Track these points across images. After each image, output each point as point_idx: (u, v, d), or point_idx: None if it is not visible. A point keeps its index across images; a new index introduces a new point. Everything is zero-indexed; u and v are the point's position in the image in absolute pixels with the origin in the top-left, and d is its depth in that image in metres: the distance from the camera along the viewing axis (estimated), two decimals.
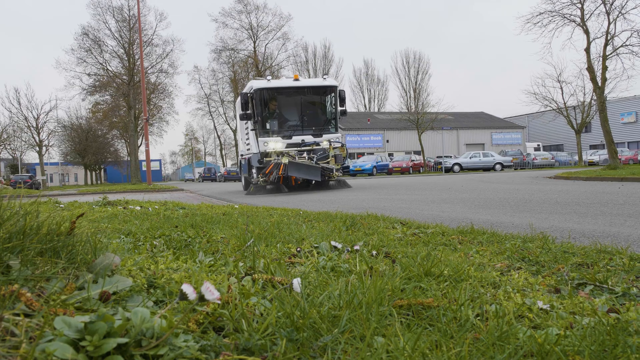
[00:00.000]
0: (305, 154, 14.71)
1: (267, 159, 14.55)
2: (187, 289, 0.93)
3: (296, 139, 15.04)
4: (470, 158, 39.42)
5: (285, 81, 16.27)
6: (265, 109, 15.39)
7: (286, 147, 14.76)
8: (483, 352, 0.96)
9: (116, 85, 42.43)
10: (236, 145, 64.04)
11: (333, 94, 15.78)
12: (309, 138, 15.14)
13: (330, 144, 15.07)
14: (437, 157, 45.16)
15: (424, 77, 54.36)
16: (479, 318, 1.21)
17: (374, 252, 2.34)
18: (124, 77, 42.39)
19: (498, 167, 38.63)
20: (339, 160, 15.19)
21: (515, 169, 39.62)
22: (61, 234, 1.31)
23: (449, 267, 1.82)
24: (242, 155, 18.25)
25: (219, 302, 1.04)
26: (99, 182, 63.42)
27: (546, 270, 2.14)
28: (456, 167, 38.74)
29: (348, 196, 11.26)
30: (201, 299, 0.92)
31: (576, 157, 43.76)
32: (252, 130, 15.54)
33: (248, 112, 15.32)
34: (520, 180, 17.21)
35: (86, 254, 1.32)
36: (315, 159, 14.59)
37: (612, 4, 21.42)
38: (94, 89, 43.26)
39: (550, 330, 1.06)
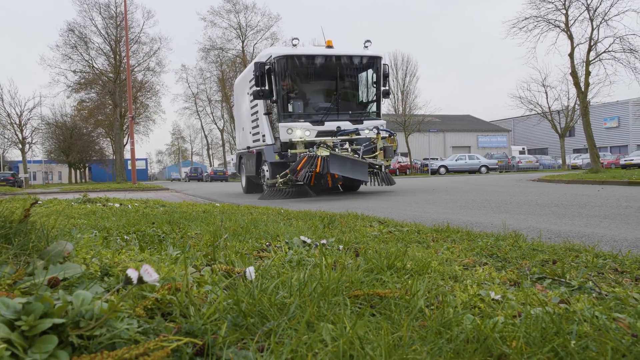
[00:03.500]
0: (347, 145, 10.97)
1: (293, 151, 10.97)
2: (132, 273, 0.93)
3: (330, 125, 11.44)
4: (456, 160, 39.71)
5: (315, 48, 12.42)
6: (290, 84, 11.71)
7: (316, 137, 11.20)
8: (425, 337, 0.98)
9: (102, 83, 42.04)
10: (223, 144, 63.82)
11: (376, 68, 12.20)
12: (346, 124, 11.55)
13: (378, 132, 11.42)
14: (424, 159, 45.44)
15: (411, 80, 54.68)
16: (431, 308, 1.23)
17: (340, 247, 2.36)
18: (110, 74, 42.02)
19: (483, 169, 38.97)
20: (389, 154, 11.47)
21: (500, 172, 40.00)
22: (14, 221, 1.30)
23: (412, 261, 1.85)
24: (248, 148, 14.12)
25: (157, 284, 1.05)
26: (83, 180, 62.69)
27: (511, 266, 2.18)
28: (442, 170, 38.99)
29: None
30: (140, 281, 0.93)
31: (560, 161, 44.30)
32: (266, 114, 12.08)
33: (264, 88, 11.49)
34: (504, 182, 17.39)
35: (39, 241, 1.32)
36: (361, 152, 10.89)
37: (595, 11, 21.76)
38: (80, 86, 42.82)
39: (496, 319, 1.08)
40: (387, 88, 12.39)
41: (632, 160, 37.16)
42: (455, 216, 6.06)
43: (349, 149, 10.84)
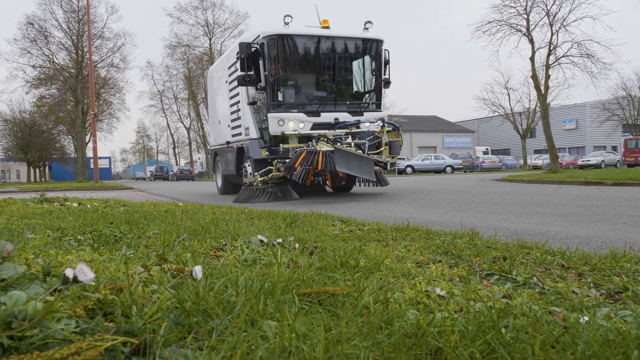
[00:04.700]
0: (350, 139, 9.53)
1: (286, 145, 9.63)
2: (70, 273, 0.92)
3: (326, 117, 10.07)
4: (422, 160, 40.33)
5: (309, 29, 10.75)
6: (281, 69, 10.19)
7: (311, 129, 9.88)
8: (366, 333, 1.00)
9: (63, 79, 40.73)
10: (190, 143, 62.94)
11: (378, 53, 10.94)
12: (345, 116, 10.23)
13: (383, 125, 10.12)
14: None
15: None
16: (377, 304, 1.26)
17: (297, 245, 2.37)
18: (72, 70, 40.75)
19: (449, 169, 39.73)
20: (395, 150, 10.17)
21: (464, 172, 40.86)
22: None
23: (366, 259, 1.88)
24: (227, 144, 12.51)
25: (93, 283, 1.04)
26: (43, 179, 60.71)
27: (464, 263, 2.24)
28: (409, 169, 39.52)
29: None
30: (74, 280, 0.91)
31: (522, 161, 45.61)
32: (250, 104, 10.64)
33: (250, 73, 9.95)
34: (468, 182, 17.77)
35: None
36: (366, 148, 9.65)
37: (555, 16, 22.51)
38: (39, 82, 41.38)
39: (439, 314, 1.12)
40: (387, 77, 11.11)
41: (589, 161, 38.67)
42: (419, 215, 6.17)
43: (352, 144, 9.40)
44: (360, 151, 9.30)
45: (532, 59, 22.99)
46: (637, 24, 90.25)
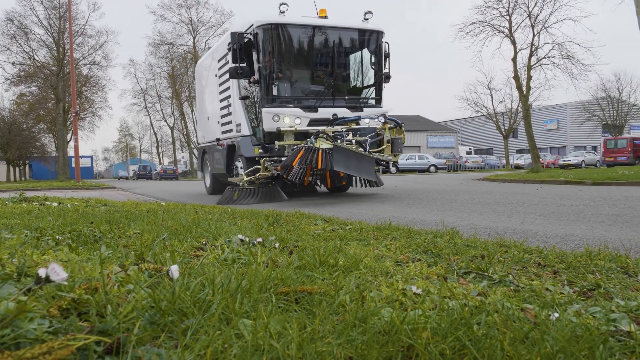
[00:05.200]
0: (350, 136, 9.12)
1: (281, 142, 9.02)
2: (43, 272, 0.92)
3: (324, 112, 9.54)
4: (406, 160, 40.57)
5: (306, 18, 10.02)
6: (276, 60, 9.52)
7: (308, 125, 9.35)
8: (341, 331, 1.01)
9: (44, 76, 40.08)
10: (173, 142, 62.37)
11: (378, 46, 10.42)
12: (344, 112, 9.73)
13: (385, 121, 9.56)
14: None
15: None
16: (353, 303, 1.27)
17: (277, 245, 2.38)
18: (53, 67, 40.13)
19: (432, 169, 40.05)
20: (397, 148, 9.60)
21: (448, 171, 41.22)
22: None
23: (345, 258, 1.89)
24: (217, 141, 11.73)
25: (66, 282, 1.04)
26: (23, 178, 59.64)
27: (443, 261, 2.27)
28: (393, 169, 39.70)
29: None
30: (47, 280, 0.91)
31: (504, 161, 46.16)
32: (242, 98, 10.02)
33: (243, 65, 9.29)
34: (451, 182, 17.93)
35: None
36: (368, 146, 9.12)
37: (536, 18, 22.83)
38: (19, 79, 40.67)
39: (413, 312, 1.13)
40: (387, 71, 10.57)
41: (569, 160, 39.33)
42: (402, 214, 6.21)
43: (353, 141, 8.91)
44: (362, 149, 8.82)
45: (514, 59, 23.30)
46: (616, 27, 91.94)
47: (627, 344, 1.12)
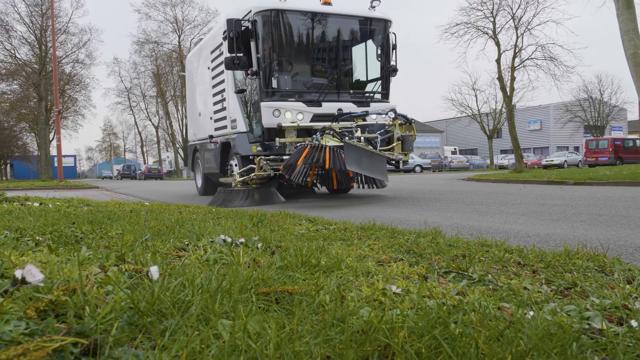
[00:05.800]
0: (359, 132, 8.30)
1: (282, 140, 8.27)
2: (19, 274, 0.91)
3: (328, 107, 8.77)
4: None
5: (307, 4, 9.10)
6: (276, 50, 8.70)
7: (311, 121, 8.59)
8: (319, 330, 1.02)
9: (26, 74, 39.44)
10: (158, 141, 61.85)
11: (386, 36, 9.60)
12: (349, 107, 8.96)
13: (395, 117, 8.80)
14: None
15: None
16: (333, 302, 1.29)
17: (259, 245, 2.39)
18: (35, 65, 39.50)
19: (418, 169, 40.31)
20: (408, 146, 8.88)
21: (433, 171, 41.52)
22: None
23: (327, 258, 1.91)
24: (210, 138, 10.88)
25: (42, 284, 1.03)
26: (4, 178, 58.66)
27: (425, 261, 2.30)
28: None
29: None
30: (23, 281, 0.91)
31: (488, 161, 46.64)
32: (238, 92, 9.26)
33: (240, 55, 8.47)
34: (436, 182, 18.06)
35: None
36: (378, 143, 8.44)
37: (520, 20, 23.14)
38: (0, 77, 39.97)
39: (391, 311, 1.15)
40: (394, 63, 9.80)
41: (552, 160, 39.90)
42: (387, 214, 6.25)
43: (362, 138, 8.20)
44: (371, 147, 8.09)
45: (498, 61, 23.56)
46: (597, 29, 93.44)
47: (599, 342, 1.15)
